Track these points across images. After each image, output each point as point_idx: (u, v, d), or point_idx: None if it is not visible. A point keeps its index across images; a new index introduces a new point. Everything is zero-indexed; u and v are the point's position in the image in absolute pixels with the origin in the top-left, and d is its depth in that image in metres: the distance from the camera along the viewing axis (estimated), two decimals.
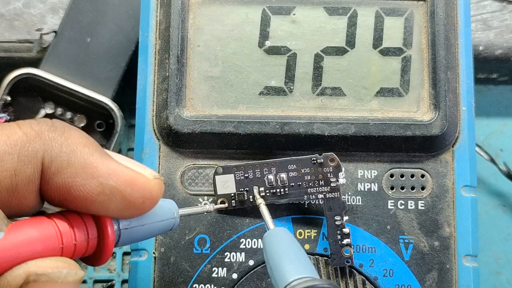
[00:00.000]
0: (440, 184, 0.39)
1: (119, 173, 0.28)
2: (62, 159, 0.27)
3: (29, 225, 0.27)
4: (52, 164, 0.27)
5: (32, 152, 0.27)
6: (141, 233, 0.31)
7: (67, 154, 0.28)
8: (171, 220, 0.32)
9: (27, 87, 0.48)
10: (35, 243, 0.26)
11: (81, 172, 0.27)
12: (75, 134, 0.28)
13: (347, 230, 0.38)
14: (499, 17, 0.51)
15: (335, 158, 0.38)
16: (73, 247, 0.28)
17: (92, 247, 0.29)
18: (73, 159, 0.27)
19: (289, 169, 0.38)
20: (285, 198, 0.38)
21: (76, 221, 0.28)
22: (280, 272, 0.31)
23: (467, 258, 0.39)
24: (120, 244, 0.30)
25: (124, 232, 0.30)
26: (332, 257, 0.38)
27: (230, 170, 0.39)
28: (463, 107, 0.40)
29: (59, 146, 0.28)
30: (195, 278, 0.38)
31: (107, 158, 0.28)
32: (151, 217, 0.31)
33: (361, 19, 0.41)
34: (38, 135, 0.28)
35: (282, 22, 0.41)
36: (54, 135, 0.28)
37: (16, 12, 0.50)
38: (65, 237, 0.27)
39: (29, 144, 0.27)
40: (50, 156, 0.27)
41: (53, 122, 0.29)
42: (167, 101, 0.39)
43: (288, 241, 0.34)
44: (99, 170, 0.28)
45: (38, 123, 0.28)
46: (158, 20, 0.41)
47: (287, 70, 0.40)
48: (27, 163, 0.27)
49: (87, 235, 0.28)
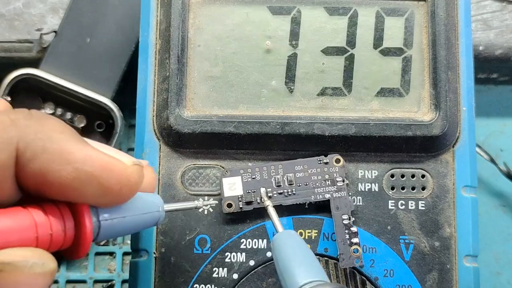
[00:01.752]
0: (441, 184, 0.39)
1: (95, 159, 0.28)
2: (37, 145, 0.27)
3: (3, 214, 0.27)
4: (27, 150, 0.27)
5: (6, 139, 0.27)
6: (123, 225, 0.30)
7: (42, 140, 0.27)
8: (155, 213, 0.32)
9: (27, 87, 0.48)
10: (8, 233, 0.26)
11: (56, 158, 0.27)
12: (51, 122, 0.28)
13: (355, 229, 0.38)
14: (499, 17, 0.51)
15: (340, 159, 0.39)
16: (49, 238, 0.27)
17: (70, 238, 0.28)
18: (48, 145, 0.27)
19: (296, 170, 0.39)
20: (292, 199, 0.38)
21: (52, 211, 0.28)
22: (291, 276, 0.31)
23: (467, 259, 0.39)
24: (101, 237, 0.29)
25: (104, 224, 0.29)
26: (340, 257, 0.38)
27: (237, 172, 0.39)
28: (463, 107, 0.40)
29: (34, 132, 0.27)
30: (195, 278, 0.38)
31: (83, 144, 0.28)
32: (133, 210, 0.30)
33: (361, 19, 0.41)
34: (13, 122, 0.27)
35: (283, 22, 0.41)
36: (29, 122, 0.28)
37: (16, 12, 0.50)
38: (40, 227, 0.27)
39: (4, 132, 0.27)
40: (25, 142, 0.27)
41: (30, 111, 0.28)
42: (168, 101, 0.39)
43: (297, 244, 0.34)
44: (75, 155, 0.27)
45: (15, 112, 0.28)
46: (158, 20, 0.41)
47: (288, 70, 0.40)
48: (1, 150, 0.27)
49: (63, 225, 0.28)
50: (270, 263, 0.38)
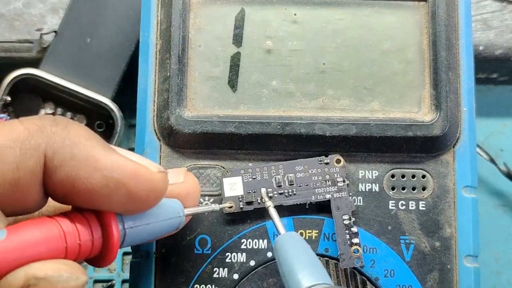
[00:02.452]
0: (441, 184, 0.40)
1: (123, 166, 0.28)
2: (65, 152, 0.27)
3: (32, 225, 0.27)
4: (54, 157, 0.27)
5: (34, 146, 0.27)
6: (147, 232, 0.30)
7: (70, 147, 0.27)
8: (176, 218, 0.32)
9: (27, 87, 0.48)
10: (38, 245, 0.26)
11: (84, 165, 0.27)
12: (77, 128, 0.28)
13: (356, 229, 0.38)
14: (499, 17, 0.51)
15: (341, 159, 0.39)
16: (77, 248, 0.27)
17: (97, 247, 0.28)
18: (76, 152, 0.27)
19: (296, 170, 0.39)
20: (293, 199, 0.38)
21: (79, 220, 0.28)
22: (294, 279, 0.31)
23: (468, 259, 0.39)
24: (126, 244, 0.30)
25: (129, 231, 0.29)
26: (341, 257, 0.38)
27: (237, 172, 0.39)
28: (464, 108, 0.40)
29: (61, 139, 0.27)
30: (196, 279, 0.38)
31: (110, 151, 0.28)
32: (156, 216, 0.30)
33: (362, 19, 0.41)
34: (40, 129, 0.27)
35: (283, 22, 0.41)
36: (56, 129, 0.28)
37: (16, 12, 0.50)
38: (68, 236, 0.27)
39: (31, 138, 0.27)
40: (53, 149, 0.27)
41: (55, 117, 0.29)
42: (168, 101, 0.39)
43: (300, 246, 0.34)
44: (103, 162, 0.27)
45: (40, 119, 0.28)
46: (159, 20, 0.41)
47: (288, 71, 0.40)
48: (29, 156, 0.27)
49: (91, 234, 0.28)
50: (271, 263, 0.38)
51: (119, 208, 0.28)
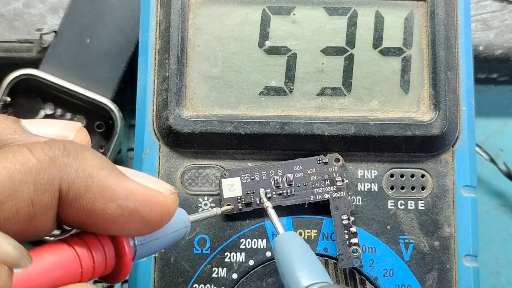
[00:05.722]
0: (440, 184, 0.39)
1: (137, 193, 0.28)
2: (80, 185, 0.27)
3: (48, 251, 0.26)
4: (70, 191, 0.27)
5: (48, 180, 0.26)
6: (156, 246, 0.31)
7: (84, 179, 0.27)
8: (183, 229, 0.32)
9: (27, 88, 0.48)
10: (54, 270, 0.26)
11: (99, 196, 0.27)
12: (89, 156, 0.28)
13: (355, 229, 0.38)
14: (499, 17, 0.51)
15: (340, 158, 0.39)
16: (91, 270, 0.27)
17: (110, 266, 0.28)
18: (91, 184, 0.27)
19: (295, 170, 0.39)
20: (292, 199, 0.38)
21: (93, 243, 0.28)
22: (294, 278, 0.31)
23: (467, 258, 0.39)
24: (136, 259, 0.30)
25: (140, 247, 0.30)
26: (340, 257, 0.38)
27: (236, 173, 0.39)
28: (463, 107, 0.40)
29: (75, 171, 0.27)
30: (195, 278, 0.38)
31: (123, 179, 0.28)
32: (165, 230, 0.30)
33: (361, 19, 0.41)
34: (53, 161, 0.27)
35: (282, 22, 0.41)
36: (68, 159, 0.27)
37: (16, 12, 0.50)
38: (83, 260, 0.27)
39: (44, 172, 0.26)
40: (67, 182, 0.27)
41: (65, 145, 0.28)
42: (167, 101, 0.39)
43: (299, 245, 0.34)
44: (117, 192, 0.27)
45: (50, 147, 0.27)
46: (158, 20, 0.41)
47: (287, 70, 0.40)
48: (43, 191, 0.26)
49: (104, 256, 0.28)
50: (270, 263, 0.38)
51: (134, 232, 0.28)
